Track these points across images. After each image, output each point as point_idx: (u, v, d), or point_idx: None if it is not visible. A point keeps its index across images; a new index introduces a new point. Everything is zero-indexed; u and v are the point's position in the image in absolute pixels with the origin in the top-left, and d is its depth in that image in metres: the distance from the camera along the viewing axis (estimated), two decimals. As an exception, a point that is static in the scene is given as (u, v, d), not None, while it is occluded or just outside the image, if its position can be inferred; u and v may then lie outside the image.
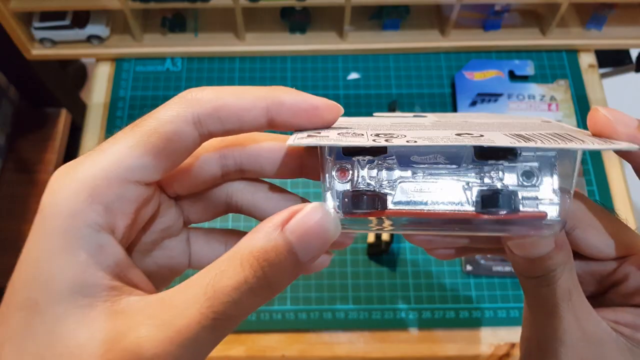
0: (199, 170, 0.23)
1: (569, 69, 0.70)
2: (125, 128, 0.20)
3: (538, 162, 0.19)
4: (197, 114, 0.19)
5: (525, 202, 0.19)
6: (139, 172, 0.19)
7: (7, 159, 1.12)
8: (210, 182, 0.23)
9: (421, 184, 0.20)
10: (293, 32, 0.69)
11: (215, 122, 0.20)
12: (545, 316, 0.23)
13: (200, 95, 0.20)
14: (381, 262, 0.58)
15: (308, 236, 0.18)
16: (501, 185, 0.19)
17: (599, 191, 0.63)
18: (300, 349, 0.56)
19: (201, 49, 0.69)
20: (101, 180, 0.18)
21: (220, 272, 0.18)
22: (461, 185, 0.20)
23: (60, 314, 0.17)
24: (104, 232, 0.18)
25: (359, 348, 0.56)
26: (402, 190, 0.20)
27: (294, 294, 0.57)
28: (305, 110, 0.20)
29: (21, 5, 0.60)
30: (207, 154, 0.23)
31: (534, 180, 0.19)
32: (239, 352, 0.55)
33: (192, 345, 0.17)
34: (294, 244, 0.18)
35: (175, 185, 0.23)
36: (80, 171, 0.18)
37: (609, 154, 0.65)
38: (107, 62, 0.71)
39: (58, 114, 1.18)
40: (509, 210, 0.19)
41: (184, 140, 0.19)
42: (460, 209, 0.20)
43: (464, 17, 0.67)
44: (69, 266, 0.18)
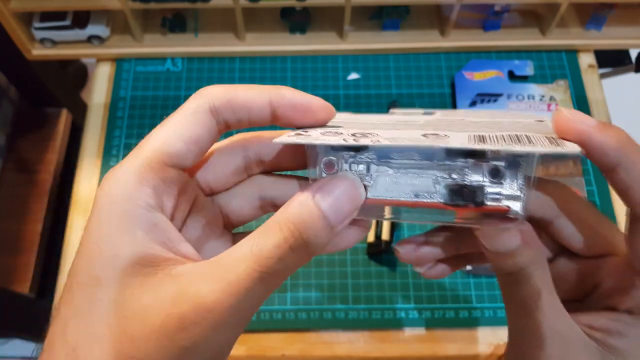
0: (224, 160, 0.25)
1: (568, 69, 0.70)
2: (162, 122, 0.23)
3: (504, 161, 0.21)
4: (213, 104, 0.22)
5: (490, 197, 0.21)
6: (175, 157, 0.22)
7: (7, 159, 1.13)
8: (236, 174, 0.26)
9: (396, 177, 0.22)
10: (293, 32, 0.69)
11: (229, 112, 0.23)
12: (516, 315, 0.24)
13: (214, 89, 0.23)
14: (381, 262, 0.59)
15: (337, 200, 0.21)
16: (468, 181, 0.22)
17: (598, 191, 0.63)
18: (301, 349, 0.56)
19: (201, 49, 0.69)
20: (145, 167, 0.21)
21: (262, 235, 0.20)
22: (431, 179, 0.22)
23: (123, 284, 0.19)
24: (156, 211, 0.21)
25: (359, 348, 0.56)
26: (380, 183, 0.23)
27: (294, 293, 0.57)
28: (302, 105, 0.23)
29: (21, 6, 0.61)
30: (229, 145, 0.26)
31: (500, 177, 0.21)
32: (239, 351, 0.55)
33: (245, 295, 0.19)
34: (324, 208, 0.20)
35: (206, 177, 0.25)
36: (126, 164, 0.21)
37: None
38: (108, 62, 0.71)
39: (58, 114, 1.18)
40: (473, 203, 0.21)
41: (205, 128, 0.22)
42: (430, 201, 0.22)
43: (464, 17, 0.67)
44: (128, 243, 0.20)
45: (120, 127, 0.66)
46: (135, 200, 0.20)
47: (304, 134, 0.22)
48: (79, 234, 0.60)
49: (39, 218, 1.08)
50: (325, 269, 0.58)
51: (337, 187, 0.21)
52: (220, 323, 0.19)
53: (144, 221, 0.20)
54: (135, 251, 0.20)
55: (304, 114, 0.23)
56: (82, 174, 0.64)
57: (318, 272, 0.58)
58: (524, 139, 0.20)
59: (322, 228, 0.20)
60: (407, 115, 0.28)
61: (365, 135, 0.21)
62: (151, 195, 0.21)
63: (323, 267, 0.59)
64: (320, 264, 0.59)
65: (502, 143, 0.19)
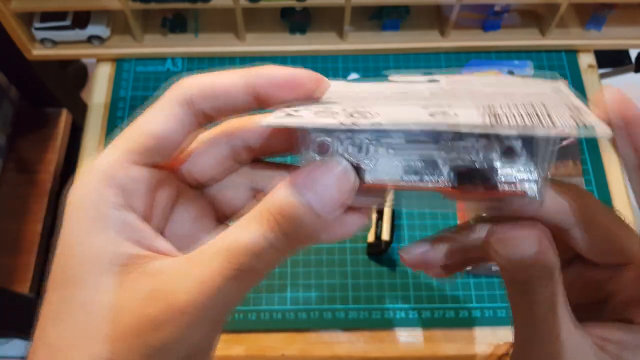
0: (208, 151, 0.24)
1: (568, 69, 0.70)
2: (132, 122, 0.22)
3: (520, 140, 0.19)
4: (188, 96, 0.21)
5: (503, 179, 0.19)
6: (145, 155, 0.21)
7: (7, 159, 1.13)
8: (223, 164, 0.24)
9: (398, 159, 0.20)
10: (293, 32, 0.69)
11: (204, 101, 0.21)
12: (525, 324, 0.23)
13: (189, 80, 0.21)
14: (381, 262, 0.59)
15: (323, 188, 0.19)
16: (478, 162, 0.19)
17: (598, 191, 0.63)
18: (300, 349, 0.56)
19: (202, 49, 0.69)
20: (112, 167, 0.21)
21: (239, 229, 0.19)
22: (437, 160, 0.19)
23: (98, 283, 0.19)
24: (126, 210, 0.21)
25: (358, 348, 0.56)
26: (380, 165, 0.20)
27: (294, 293, 0.57)
28: (285, 80, 0.21)
29: (22, 6, 0.61)
30: (214, 135, 0.24)
31: (514, 158, 0.19)
32: (239, 351, 0.55)
33: (217, 294, 0.18)
34: (309, 197, 0.19)
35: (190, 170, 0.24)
36: (96, 164, 0.21)
37: (608, 154, 0.65)
38: (108, 63, 0.71)
39: (59, 114, 1.18)
40: (484, 186, 0.19)
41: (180, 121, 0.21)
42: (436, 184, 0.20)
43: (464, 17, 0.68)
44: (101, 243, 0.20)
45: (120, 127, 0.66)
46: (104, 201, 0.20)
47: (294, 114, 0.19)
48: (79, 234, 0.60)
49: (39, 218, 1.08)
50: (325, 269, 0.59)
51: (324, 173, 0.19)
52: (193, 323, 0.18)
53: (114, 221, 0.20)
54: (108, 251, 0.20)
55: (290, 90, 0.21)
56: (82, 174, 0.64)
57: (318, 272, 0.58)
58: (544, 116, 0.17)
59: (306, 219, 0.19)
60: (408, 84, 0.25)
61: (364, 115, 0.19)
62: (119, 195, 0.20)
63: (323, 267, 0.59)
64: (320, 264, 0.59)
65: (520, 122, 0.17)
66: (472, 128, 0.17)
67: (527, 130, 0.17)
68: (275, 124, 0.19)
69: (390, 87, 0.24)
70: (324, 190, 0.19)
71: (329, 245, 0.59)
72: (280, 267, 0.58)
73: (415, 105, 0.20)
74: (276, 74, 0.21)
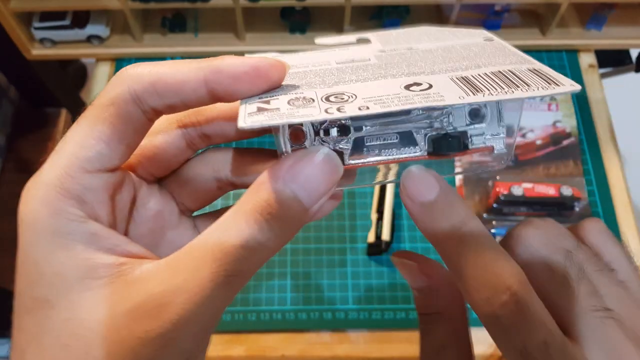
0: (161, 144, 0.22)
1: (569, 69, 0.70)
2: (78, 119, 0.20)
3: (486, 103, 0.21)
4: (134, 90, 0.19)
5: (473, 139, 0.21)
6: (97, 161, 0.19)
7: (7, 158, 1.13)
8: (178, 155, 0.23)
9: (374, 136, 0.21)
10: (293, 32, 0.69)
11: (154, 98, 0.19)
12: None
13: (134, 70, 0.19)
14: (381, 262, 0.59)
15: (310, 180, 0.18)
16: (450, 128, 0.21)
17: (598, 191, 0.63)
18: (300, 349, 0.56)
19: (201, 49, 0.69)
20: (64, 177, 0.19)
21: (224, 232, 0.18)
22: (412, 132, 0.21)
23: (74, 301, 0.18)
24: (90, 221, 0.19)
25: (359, 348, 0.56)
26: (357, 144, 0.20)
27: (295, 293, 0.57)
28: (246, 73, 0.19)
29: (21, 5, 0.61)
30: (164, 127, 0.22)
31: (480, 117, 0.21)
32: (239, 352, 0.55)
33: (209, 303, 0.17)
34: (297, 191, 0.18)
35: (145, 166, 0.22)
36: (43, 176, 0.19)
37: (609, 153, 0.65)
38: (107, 62, 0.71)
39: (58, 114, 1.18)
40: (458, 149, 0.21)
41: (129, 121, 0.19)
42: (413, 155, 0.21)
43: (464, 17, 0.67)
44: (70, 260, 0.18)
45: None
46: (63, 215, 0.18)
47: (267, 107, 0.18)
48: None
49: (38, 218, 1.08)
50: (325, 269, 0.58)
51: (308, 164, 0.18)
52: (184, 333, 0.17)
53: (79, 234, 0.18)
54: (78, 265, 0.18)
55: (251, 84, 0.19)
56: (81, 174, 0.64)
57: (318, 273, 0.58)
58: (514, 78, 0.19)
59: (294, 214, 0.18)
60: (342, 49, 0.25)
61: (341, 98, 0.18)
62: (77, 206, 0.19)
63: (323, 268, 0.59)
64: (320, 265, 0.59)
65: (498, 88, 0.18)
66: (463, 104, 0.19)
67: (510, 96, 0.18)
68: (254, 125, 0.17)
69: (332, 55, 0.24)
70: (310, 182, 0.18)
71: (329, 245, 0.59)
72: (281, 267, 0.58)
73: (382, 78, 0.20)
74: (237, 67, 0.19)
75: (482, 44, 0.24)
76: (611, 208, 0.62)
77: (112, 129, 0.19)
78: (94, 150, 0.19)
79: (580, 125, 0.66)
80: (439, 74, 0.20)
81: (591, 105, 0.68)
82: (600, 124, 0.67)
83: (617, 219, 0.61)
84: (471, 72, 0.20)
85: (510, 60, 0.21)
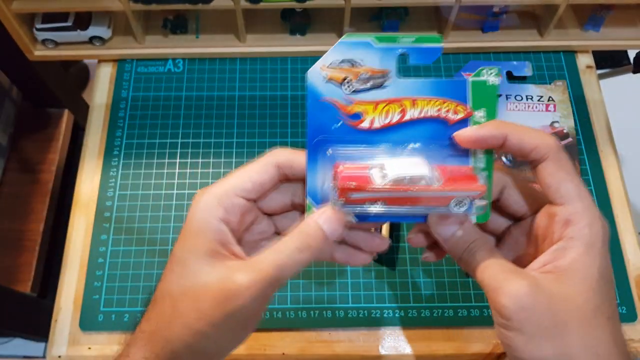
0: (277, 197, 0.36)
1: (566, 69, 0.70)
2: (251, 162, 0.34)
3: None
4: (279, 161, 0.34)
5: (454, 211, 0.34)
6: (244, 191, 0.33)
7: (9, 158, 1.13)
8: (284, 206, 0.36)
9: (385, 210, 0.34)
10: (293, 33, 0.70)
11: (288, 169, 0.34)
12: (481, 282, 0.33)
13: (283, 152, 0.34)
14: (381, 262, 0.59)
15: (330, 224, 0.32)
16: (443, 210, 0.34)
17: (596, 192, 0.63)
18: (301, 347, 0.56)
19: (202, 50, 0.70)
20: (223, 194, 0.33)
21: (281, 241, 0.32)
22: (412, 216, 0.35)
23: (200, 266, 0.31)
24: (223, 223, 0.33)
25: (358, 346, 0.56)
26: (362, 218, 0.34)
27: (295, 293, 0.58)
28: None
29: (23, 7, 0.61)
30: (282, 188, 0.36)
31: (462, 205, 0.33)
32: (240, 350, 0.56)
33: (266, 285, 0.30)
34: (324, 228, 0.32)
35: (265, 205, 0.36)
36: (212, 189, 0.33)
37: (607, 154, 0.65)
38: (109, 63, 0.71)
39: (61, 115, 1.18)
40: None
41: (269, 177, 0.34)
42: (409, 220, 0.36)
43: (463, 18, 0.68)
44: (205, 241, 0.32)
45: (121, 128, 0.67)
46: (212, 214, 0.32)
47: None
48: (81, 233, 0.61)
49: (40, 218, 1.08)
50: (325, 268, 0.59)
51: (330, 215, 0.33)
52: (250, 300, 0.30)
53: (214, 228, 0.32)
54: (207, 246, 0.32)
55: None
56: (83, 174, 0.64)
57: (318, 272, 0.59)
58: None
59: (321, 240, 0.32)
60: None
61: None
62: (222, 212, 0.32)
63: (323, 267, 0.59)
64: (320, 264, 0.59)
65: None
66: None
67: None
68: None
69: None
70: (331, 225, 0.32)
71: (329, 244, 0.60)
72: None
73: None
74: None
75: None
76: (609, 208, 0.62)
77: (258, 178, 0.34)
78: (244, 185, 0.33)
79: (578, 125, 0.67)
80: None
81: (589, 106, 0.68)
82: (598, 124, 0.68)
83: (615, 219, 0.62)
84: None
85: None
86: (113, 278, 0.58)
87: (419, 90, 0.33)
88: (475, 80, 0.33)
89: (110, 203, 0.62)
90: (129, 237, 0.60)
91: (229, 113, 0.68)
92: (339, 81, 0.32)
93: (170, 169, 0.64)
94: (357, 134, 0.33)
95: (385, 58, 0.32)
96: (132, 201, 0.62)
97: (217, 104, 0.68)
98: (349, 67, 0.32)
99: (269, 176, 0.34)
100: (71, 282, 0.59)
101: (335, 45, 0.32)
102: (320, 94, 0.32)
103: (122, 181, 0.63)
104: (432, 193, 0.32)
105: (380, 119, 0.33)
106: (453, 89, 0.33)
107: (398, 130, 0.33)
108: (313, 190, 0.34)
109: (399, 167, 0.32)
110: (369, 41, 0.32)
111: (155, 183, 0.63)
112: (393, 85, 0.32)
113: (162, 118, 0.67)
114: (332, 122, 0.33)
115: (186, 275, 0.32)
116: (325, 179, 0.34)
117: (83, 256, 0.60)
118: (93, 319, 0.57)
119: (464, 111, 0.33)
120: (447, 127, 0.33)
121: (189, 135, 0.66)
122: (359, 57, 0.32)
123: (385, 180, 0.31)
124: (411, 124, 0.33)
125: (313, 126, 0.33)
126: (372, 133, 0.33)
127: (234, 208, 0.33)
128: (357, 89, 0.32)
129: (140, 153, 0.65)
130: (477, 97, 0.33)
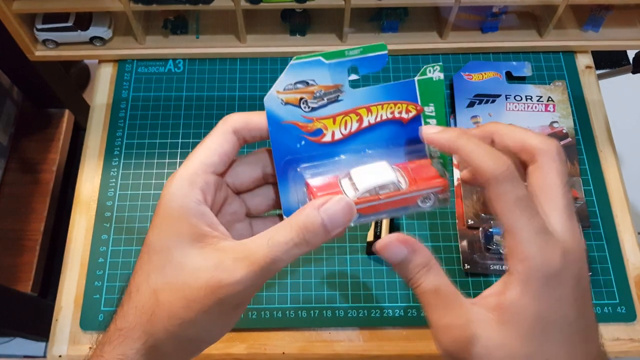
0: (247, 170, 0.35)
1: (566, 70, 0.70)
2: (209, 134, 0.33)
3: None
4: (235, 127, 0.33)
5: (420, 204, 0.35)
6: (212, 166, 0.32)
7: (10, 158, 1.13)
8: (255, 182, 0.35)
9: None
10: (293, 34, 0.70)
11: (246, 131, 0.33)
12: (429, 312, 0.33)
13: (235, 116, 0.33)
14: (380, 261, 0.59)
15: (334, 216, 0.30)
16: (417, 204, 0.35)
17: (595, 192, 0.63)
18: (300, 347, 0.56)
19: (203, 50, 0.70)
20: (194, 174, 0.31)
21: (277, 232, 0.30)
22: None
23: (184, 251, 0.30)
24: (203, 205, 0.31)
25: (358, 346, 0.56)
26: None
27: (295, 292, 0.58)
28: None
29: (24, 7, 0.61)
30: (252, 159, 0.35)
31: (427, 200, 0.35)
32: (240, 349, 0.56)
33: (260, 272, 0.29)
34: (325, 220, 0.30)
35: (234, 182, 0.35)
36: (181, 172, 0.31)
37: (606, 154, 0.66)
38: (110, 64, 0.72)
39: (61, 115, 1.18)
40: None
41: (230, 144, 0.32)
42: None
43: (462, 19, 0.68)
44: (187, 226, 0.30)
45: (122, 128, 0.67)
46: (190, 198, 0.30)
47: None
48: (81, 232, 0.61)
49: (41, 217, 1.09)
50: (325, 268, 0.59)
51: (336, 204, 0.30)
52: (243, 286, 0.29)
53: (196, 212, 0.30)
54: (191, 231, 0.30)
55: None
56: (84, 174, 0.65)
57: (318, 271, 0.59)
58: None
59: (320, 233, 0.30)
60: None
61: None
62: (199, 193, 0.31)
63: (323, 267, 0.59)
64: (320, 263, 0.59)
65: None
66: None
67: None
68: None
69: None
70: (335, 217, 0.30)
71: (329, 244, 0.60)
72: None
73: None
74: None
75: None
76: (608, 208, 0.62)
77: (222, 149, 0.32)
78: (212, 159, 0.32)
79: (577, 126, 0.67)
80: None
81: (588, 106, 0.68)
82: (597, 124, 0.68)
83: (614, 219, 0.62)
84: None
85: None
86: (114, 278, 0.59)
87: (372, 97, 0.34)
88: (421, 79, 0.34)
89: (110, 203, 0.62)
90: (129, 236, 0.61)
91: (229, 113, 0.68)
92: (296, 103, 0.33)
93: (170, 169, 0.64)
94: (321, 148, 0.34)
95: (336, 73, 0.34)
96: (133, 201, 0.63)
97: (218, 104, 0.69)
98: (304, 87, 0.33)
99: (230, 145, 0.32)
100: (72, 281, 0.59)
101: (287, 69, 0.32)
102: (281, 117, 0.33)
103: (122, 181, 0.64)
104: (400, 197, 0.34)
105: (340, 131, 0.34)
106: (403, 91, 0.35)
107: (358, 137, 0.35)
108: (288, 208, 0.34)
109: (366, 178, 0.33)
110: (319, 59, 0.33)
111: (156, 183, 0.64)
112: (347, 97, 0.34)
113: (162, 118, 0.67)
114: (296, 142, 0.34)
115: (169, 265, 0.30)
116: (298, 196, 0.34)
117: (84, 256, 0.60)
118: (94, 318, 0.57)
119: (415, 109, 0.35)
120: (403, 126, 0.35)
121: (190, 135, 0.67)
122: (311, 77, 0.33)
123: (357, 194, 0.33)
124: (370, 129, 0.35)
125: (279, 149, 0.34)
126: (335, 145, 0.34)
127: (209, 186, 0.31)
128: (314, 106, 0.33)
129: (141, 153, 0.65)
130: (425, 94, 0.35)
